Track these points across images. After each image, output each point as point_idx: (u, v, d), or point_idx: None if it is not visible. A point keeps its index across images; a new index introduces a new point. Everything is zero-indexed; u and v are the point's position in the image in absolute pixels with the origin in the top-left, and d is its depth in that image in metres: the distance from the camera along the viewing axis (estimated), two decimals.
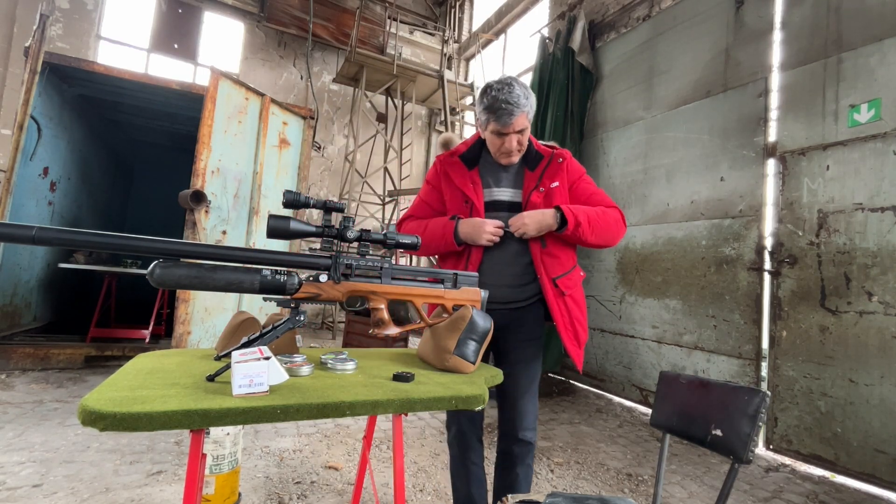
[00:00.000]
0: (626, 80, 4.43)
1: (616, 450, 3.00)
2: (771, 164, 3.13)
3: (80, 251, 4.84)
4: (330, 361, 1.11)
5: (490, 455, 2.74)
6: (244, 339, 1.02)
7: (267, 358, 0.84)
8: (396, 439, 1.21)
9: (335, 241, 1.07)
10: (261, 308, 4.28)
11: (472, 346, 1.19)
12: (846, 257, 2.69)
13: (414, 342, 5.31)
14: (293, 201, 1.03)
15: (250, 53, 7.55)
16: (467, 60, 9.33)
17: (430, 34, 9.20)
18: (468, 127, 8.85)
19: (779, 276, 3.01)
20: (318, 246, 1.13)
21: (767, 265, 3.09)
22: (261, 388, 0.80)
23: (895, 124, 2.51)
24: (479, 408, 1.00)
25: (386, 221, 7.51)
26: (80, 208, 6.01)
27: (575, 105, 4.73)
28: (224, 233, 4.04)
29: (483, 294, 1.30)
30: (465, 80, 8.94)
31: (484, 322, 1.21)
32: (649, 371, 3.87)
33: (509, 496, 1.15)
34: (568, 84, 4.75)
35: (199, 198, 3.73)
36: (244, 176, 4.26)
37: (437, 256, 1.67)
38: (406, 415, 0.97)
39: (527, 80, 5.47)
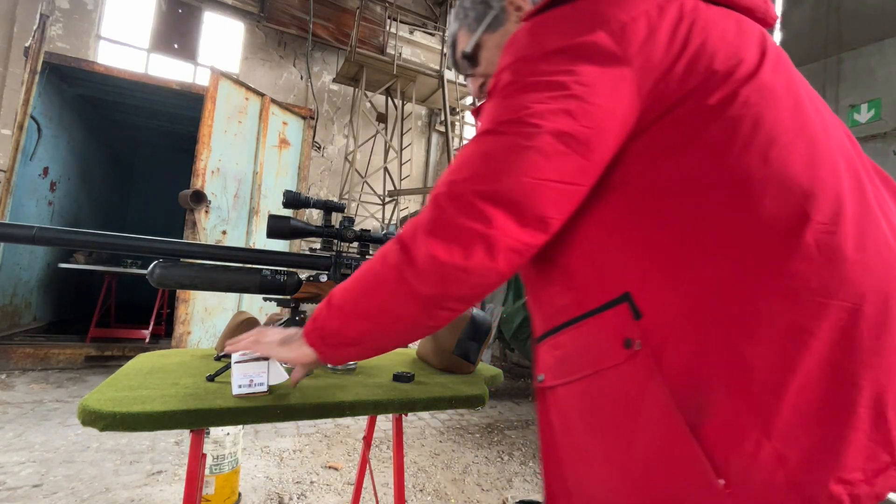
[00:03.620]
0: None
1: None
2: None
3: (80, 251, 4.85)
4: None
5: (489, 453, 2.74)
6: None
7: (266, 358, 0.84)
8: (396, 439, 1.21)
9: (335, 240, 1.07)
10: (261, 308, 4.29)
11: (472, 346, 1.19)
12: None
13: (414, 342, 5.31)
14: (293, 201, 1.03)
15: (250, 53, 7.55)
16: None
17: (430, 34, 9.20)
18: (468, 127, 8.84)
19: None
20: (318, 246, 1.12)
21: None
22: (261, 388, 0.80)
23: (895, 124, 2.51)
24: (479, 408, 1.00)
25: (386, 221, 7.51)
26: (80, 208, 6.01)
27: None
28: (224, 233, 4.04)
29: None
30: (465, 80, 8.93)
31: (484, 322, 1.21)
32: None
33: (509, 497, 1.15)
34: None
35: (199, 198, 3.73)
36: (244, 176, 4.26)
37: None
38: (406, 415, 0.97)
39: None
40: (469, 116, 8.79)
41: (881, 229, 0.51)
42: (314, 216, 7.26)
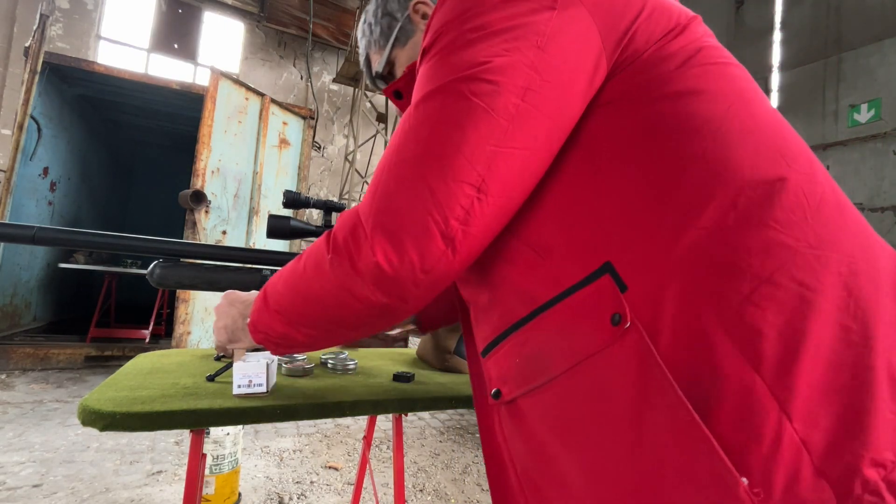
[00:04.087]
0: None
1: None
2: None
3: (80, 251, 4.85)
4: (330, 361, 1.11)
5: None
6: None
7: (270, 361, 0.84)
8: (396, 439, 1.21)
9: None
10: None
11: None
12: None
13: (414, 342, 5.31)
14: (293, 201, 1.03)
15: (250, 53, 7.55)
16: None
17: None
18: None
19: None
20: None
21: None
22: (259, 388, 0.80)
23: (895, 124, 2.51)
24: None
25: None
26: (80, 208, 6.01)
27: None
28: (224, 233, 4.04)
29: None
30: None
31: None
32: None
33: None
34: None
35: (199, 198, 3.73)
36: (244, 176, 4.26)
37: None
38: (406, 415, 0.97)
39: None
40: None
41: (840, 191, 0.47)
42: (314, 216, 7.26)
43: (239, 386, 0.79)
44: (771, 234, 0.41)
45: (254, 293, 0.69)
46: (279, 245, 4.37)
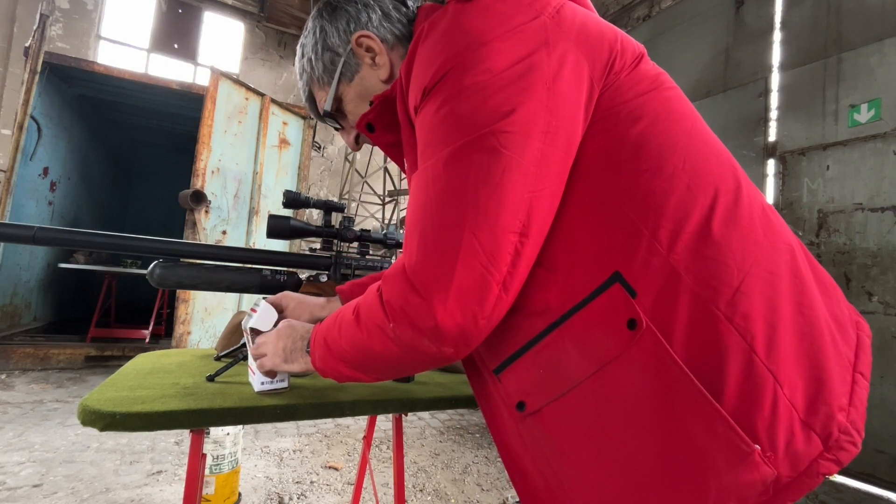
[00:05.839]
0: None
1: None
2: (771, 165, 3.13)
3: (80, 251, 4.85)
4: None
5: (489, 453, 2.74)
6: (243, 340, 1.02)
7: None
8: (396, 439, 1.21)
9: (335, 240, 1.07)
10: None
11: None
12: (846, 257, 2.69)
13: None
14: (293, 201, 1.03)
15: (250, 53, 7.55)
16: None
17: None
18: None
19: None
20: (318, 246, 1.12)
21: None
22: (282, 384, 0.81)
23: (895, 124, 2.51)
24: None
25: (386, 221, 7.50)
26: (80, 208, 6.01)
27: None
28: (224, 233, 4.04)
29: None
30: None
31: None
32: None
33: (509, 497, 1.15)
34: None
35: (199, 198, 3.73)
36: (244, 176, 4.26)
37: None
38: (406, 415, 0.97)
39: None
40: None
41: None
42: (314, 216, 7.26)
43: (262, 384, 0.80)
44: (743, 231, 0.48)
45: (310, 326, 0.71)
46: (279, 245, 4.37)
